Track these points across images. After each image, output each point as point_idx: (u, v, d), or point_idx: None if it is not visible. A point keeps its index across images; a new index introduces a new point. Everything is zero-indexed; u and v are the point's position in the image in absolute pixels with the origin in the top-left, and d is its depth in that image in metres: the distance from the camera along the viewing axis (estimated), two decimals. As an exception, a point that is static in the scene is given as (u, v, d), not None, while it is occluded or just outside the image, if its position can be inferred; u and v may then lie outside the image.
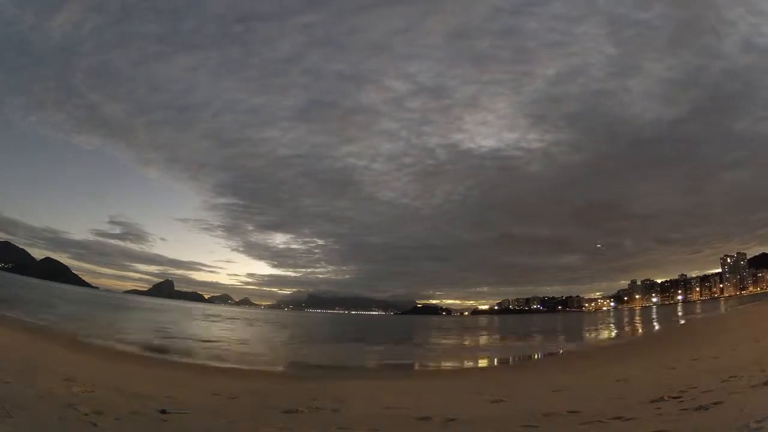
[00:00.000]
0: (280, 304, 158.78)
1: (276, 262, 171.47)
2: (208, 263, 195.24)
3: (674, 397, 6.87)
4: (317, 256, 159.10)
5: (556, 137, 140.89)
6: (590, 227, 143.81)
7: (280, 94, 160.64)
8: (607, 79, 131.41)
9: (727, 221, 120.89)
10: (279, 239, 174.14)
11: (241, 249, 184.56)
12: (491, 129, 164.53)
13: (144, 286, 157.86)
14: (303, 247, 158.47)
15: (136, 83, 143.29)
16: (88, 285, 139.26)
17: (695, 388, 7.37)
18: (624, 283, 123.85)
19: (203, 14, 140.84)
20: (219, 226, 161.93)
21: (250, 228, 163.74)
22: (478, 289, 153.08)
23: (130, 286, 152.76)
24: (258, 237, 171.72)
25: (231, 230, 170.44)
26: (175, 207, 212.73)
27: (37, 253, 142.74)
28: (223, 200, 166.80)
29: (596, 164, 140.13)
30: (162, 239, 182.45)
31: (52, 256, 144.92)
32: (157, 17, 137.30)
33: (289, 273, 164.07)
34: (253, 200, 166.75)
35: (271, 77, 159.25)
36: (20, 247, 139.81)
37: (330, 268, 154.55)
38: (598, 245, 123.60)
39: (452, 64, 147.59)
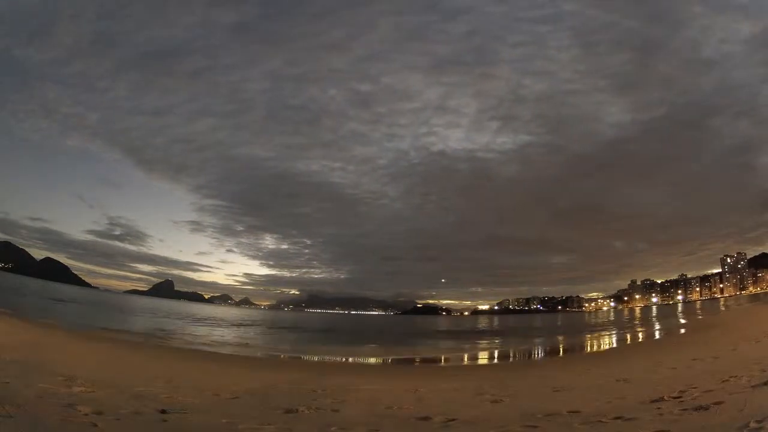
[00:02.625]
0: (280, 304, 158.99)
1: (271, 263, 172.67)
2: (205, 264, 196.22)
3: (674, 397, 6.87)
4: (308, 256, 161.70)
5: (529, 138, 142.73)
6: (577, 228, 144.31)
7: (246, 99, 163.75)
8: (576, 80, 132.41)
9: (719, 221, 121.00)
10: (269, 240, 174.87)
11: (236, 250, 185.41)
12: (461, 131, 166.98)
13: (144, 287, 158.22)
14: (293, 247, 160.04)
15: (115, 90, 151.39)
16: (88, 285, 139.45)
17: (695, 388, 7.37)
18: (621, 283, 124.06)
19: (167, 23, 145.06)
20: (211, 226, 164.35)
21: (240, 229, 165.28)
22: (472, 289, 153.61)
23: (129, 286, 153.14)
24: (249, 237, 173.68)
25: (223, 231, 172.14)
26: (170, 208, 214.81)
27: (37, 254, 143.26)
28: (209, 201, 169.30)
29: (574, 165, 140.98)
30: (160, 240, 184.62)
31: (51, 256, 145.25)
32: (130, 27, 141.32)
33: (285, 273, 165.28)
34: (234, 202, 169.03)
35: (235, 82, 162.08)
36: (20, 247, 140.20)
37: (323, 268, 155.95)
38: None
39: (414, 66, 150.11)
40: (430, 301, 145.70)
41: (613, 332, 38.95)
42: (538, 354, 24.25)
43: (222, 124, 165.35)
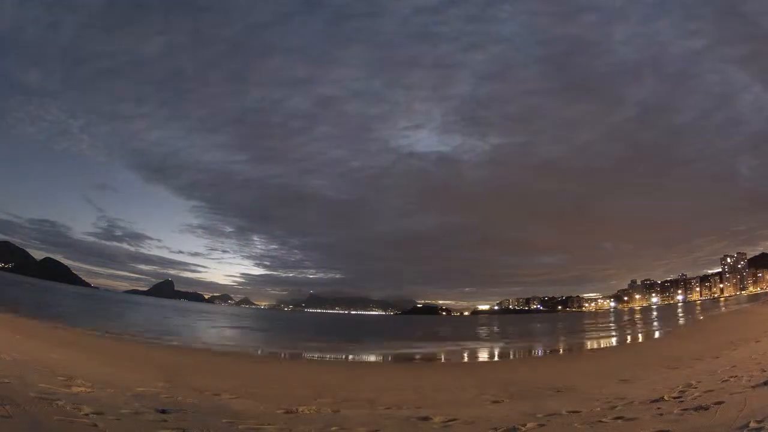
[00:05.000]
0: (280, 303, 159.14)
1: (267, 263, 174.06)
2: (204, 264, 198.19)
3: (674, 397, 6.87)
4: (298, 256, 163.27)
5: (500, 140, 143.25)
6: (568, 229, 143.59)
7: (214, 105, 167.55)
8: (540, 80, 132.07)
9: (709, 223, 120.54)
10: (257, 240, 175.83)
11: (230, 250, 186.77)
12: (429, 133, 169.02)
13: (143, 286, 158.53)
14: (282, 248, 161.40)
15: (95, 96, 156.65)
16: (88, 285, 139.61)
17: (695, 388, 7.38)
18: (621, 283, 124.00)
19: (137, 30, 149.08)
20: (204, 228, 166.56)
21: (230, 230, 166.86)
22: (470, 289, 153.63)
23: (129, 286, 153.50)
24: (239, 238, 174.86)
25: (216, 232, 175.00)
26: (167, 210, 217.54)
27: (37, 254, 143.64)
28: (195, 203, 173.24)
29: (550, 166, 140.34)
30: (158, 240, 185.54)
31: (51, 257, 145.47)
32: (106, 38, 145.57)
33: (281, 273, 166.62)
34: (218, 204, 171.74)
35: (200, 88, 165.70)
36: (20, 247, 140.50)
37: (316, 269, 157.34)
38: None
39: (375, 69, 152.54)
40: (430, 301, 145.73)
41: (613, 333, 38.97)
42: (538, 354, 24.25)
43: (195, 127, 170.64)
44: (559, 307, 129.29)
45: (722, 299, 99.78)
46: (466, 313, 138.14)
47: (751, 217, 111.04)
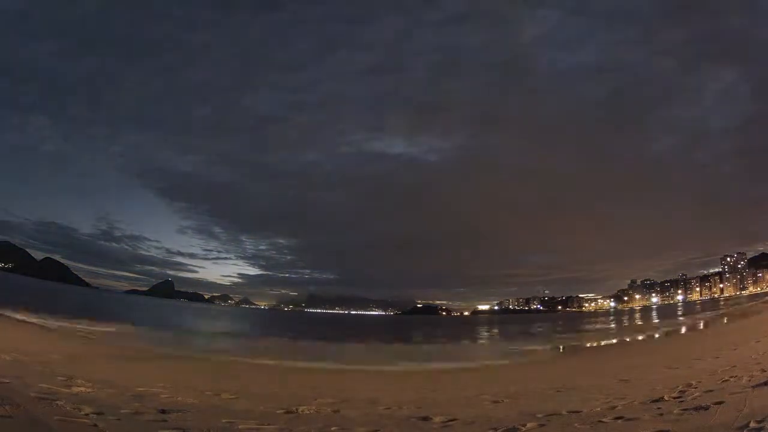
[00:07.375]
0: (280, 303, 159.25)
1: (263, 263, 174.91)
2: (203, 265, 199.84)
3: (674, 397, 6.87)
4: (290, 257, 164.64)
5: (468, 141, 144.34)
6: (562, 229, 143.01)
7: (185, 110, 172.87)
8: (505, 78, 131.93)
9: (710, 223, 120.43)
10: (246, 241, 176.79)
11: (227, 251, 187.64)
12: (396, 135, 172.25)
13: (143, 287, 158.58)
14: (271, 248, 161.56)
15: (73, 105, 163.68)
16: (87, 285, 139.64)
17: (695, 388, 7.37)
18: (621, 283, 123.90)
19: (105, 45, 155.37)
20: (195, 228, 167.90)
21: (219, 230, 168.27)
22: (469, 289, 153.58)
23: (128, 286, 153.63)
24: (231, 238, 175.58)
25: (210, 233, 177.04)
26: (161, 212, 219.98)
27: (37, 254, 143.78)
28: (183, 204, 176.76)
29: (527, 165, 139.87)
30: (157, 241, 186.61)
31: (51, 257, 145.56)
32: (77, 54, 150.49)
33: (278, 273, 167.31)
34: (203, 205, 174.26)
35: (173, 95, 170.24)
36: (20, 247, 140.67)
37: (310, 268, 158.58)
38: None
39: (342, 73, 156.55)
40: (430, 302, 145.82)
41: (613, 333, 38.99)
42: (538, 354, 24.26)
43: (171, 131, 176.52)
44: (559, 308, 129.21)
45: (722, 299, 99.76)
46: (466, 313, 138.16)
47: (750, 217, 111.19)
